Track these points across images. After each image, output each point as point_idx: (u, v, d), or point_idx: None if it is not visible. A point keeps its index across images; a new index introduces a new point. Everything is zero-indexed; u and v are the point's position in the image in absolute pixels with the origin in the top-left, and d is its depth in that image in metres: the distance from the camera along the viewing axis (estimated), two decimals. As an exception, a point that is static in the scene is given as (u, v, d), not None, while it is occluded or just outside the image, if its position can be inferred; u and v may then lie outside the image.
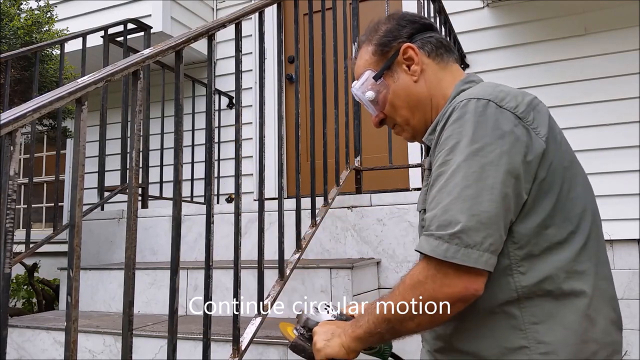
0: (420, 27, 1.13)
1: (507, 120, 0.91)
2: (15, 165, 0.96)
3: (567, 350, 0.88)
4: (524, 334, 0.88)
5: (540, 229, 0.90)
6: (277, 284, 1.81)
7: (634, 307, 3.05)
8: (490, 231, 0.85)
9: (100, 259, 3.02)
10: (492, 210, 0.86)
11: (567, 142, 1.01)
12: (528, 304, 0.89)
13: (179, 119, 1.40)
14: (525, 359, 0.88)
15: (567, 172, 0.94)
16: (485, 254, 0.85)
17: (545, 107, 0.99)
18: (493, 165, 0.87)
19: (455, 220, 0.85)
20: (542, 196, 0.91)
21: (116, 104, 3.92)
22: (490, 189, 0.86)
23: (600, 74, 3.26)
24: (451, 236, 0.85)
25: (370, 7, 4.12)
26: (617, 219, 3.10)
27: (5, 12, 3.19)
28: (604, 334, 0.92)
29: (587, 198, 0.98)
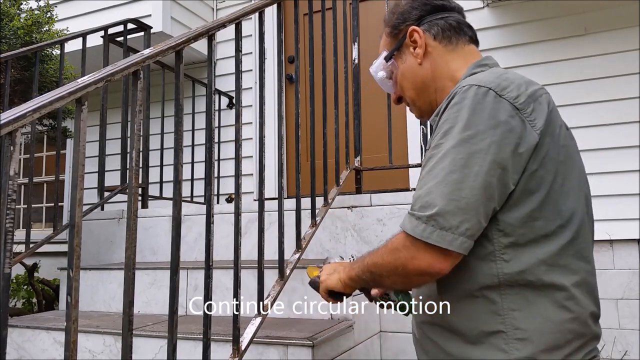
0: (431, 8, 1.14)
1: (503, 110, 0.92)
2: (15, 165, 0.96)
3: (542, 338, 0.91)
4: (502, 319, 0.92)
5: (527, 219, 0.92)
6: (277, 284, 1.81)
7: (634, 307, 3.04)
8: (467, 216, 0.88)
9: (100, 259, 3.02)
10: (471, 197, 0.88)
11: (570, 137, 1.02)
12: (509, 291, 0.93)
13: (179, 119, 1.40)
14: (501, 343, 0.92)
15: (561, 167, 0.95)
16: (460, 238, 0.88)
17: (548, 99, 0.99)
18: (481, 154, 0.89)
19: (434, 204, 0.89)
20: (533, 188, 0.92)
21: (116, 104, 3.92)
22: (474, 177, 0.89)
23: (600, 74, 3.26)
24: (428, 218, 0.89)
25: (370, 7, 4.12)
26: (617, 219, 3.10)
27: (5, 12, 3.19)
28: (581, 326, 0.94)
29: (580, 194, 0.99)
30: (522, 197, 0.92)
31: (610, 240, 3.12)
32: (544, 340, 0.91)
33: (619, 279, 3.10)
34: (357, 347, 2.06)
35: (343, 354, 1.91)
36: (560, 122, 1.00)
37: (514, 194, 0.92)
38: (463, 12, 1.18)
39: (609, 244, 3.13)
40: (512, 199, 0.92)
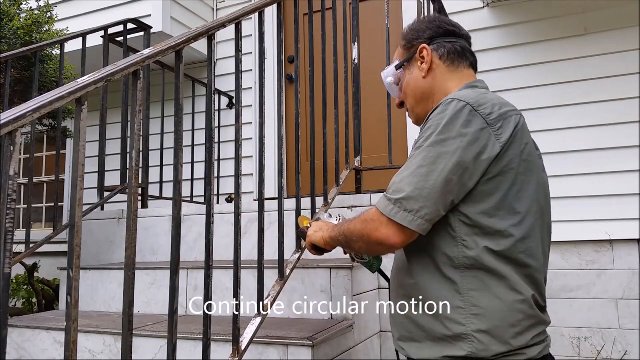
0: (443, 32, 1.32)
1: (475, 123, 1.09)
2: (15, 165, 0.96)
3: (495, 315, 1.07)
4: (462, 297, 1.09)
5: (485, 216, 1.09)
6: (277, 284, 1.81)
7: (634, 307, 3.05)
8: (427, 203, 1.07)
9: (100, 259, 3.02)
10: (433, 189, 1.07)
11: (537, 155, 1.20)
12: (467, 273, 1.09)
13: (179, 119, 1.40)
14: (460, 318, 1.08)
15: (520, 177, 1.11)
16: (419, 220, 1.08)
17: (517, 120, 1.15)
18: (448, 155, 1.08)
19: (403, 190, 1.09)
20: (491, 190, 1.09)
21: (116, 104, 3.92)
22: (439, 173, 1.07)
23: (600, 74, 3.26)
24: (397, 200, 1.09)
25: (370, 7, 4.12)
26: (617, 219, 3.11)
27: (5, 12, 3.19)
28: (529, 308, 1.10)
29: (534, 204, 1.14)
30: (482, 196, 1.09)
31: (610, 240, 3.12)
32: (497, 317, 1.07)
33: (619, 279, 3.10)
34: (357, 347, 2.06)
35: (343, 354, 1.91)
36: (527, 141, 1.16)
37: (475, 192, 1.09)
38: (470, 40, 1.36)
39: (609, 244, 3.13)
40: (473, 196, 1.09)
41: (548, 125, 3.32)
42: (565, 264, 3.22)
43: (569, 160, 3.26)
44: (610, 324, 3.09)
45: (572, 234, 3.19)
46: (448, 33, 1.31)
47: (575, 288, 3.19)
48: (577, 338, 3.15)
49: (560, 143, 3.29)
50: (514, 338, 1.07)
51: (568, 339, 3.17)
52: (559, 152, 3.28)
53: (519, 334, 1.07)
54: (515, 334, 1.07)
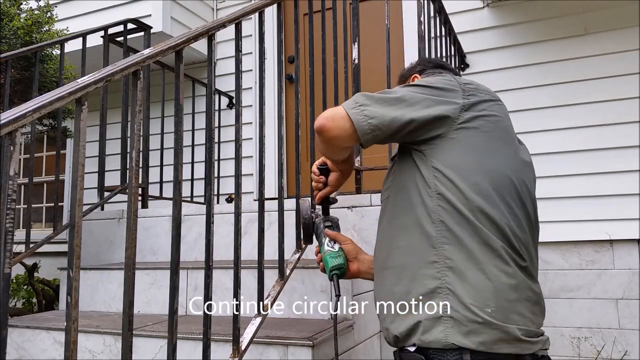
0: (432, 65, 1.50)
1: (449, 82, 1.25)
2: (15, 165, 0.96)
3: (463, 264, 1.10)
4: (436, 251, 1.12)
5: (450, 168, 1.16)
6: (277, 284, 1.81)
7: (634, 307, 3.05)
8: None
9: (100, 259, 3.02)
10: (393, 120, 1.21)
11: (510, 130, 1.25)
12: (441, 226, 1.13)
13: (179, 119, 1.40)
14: (435, 271, 1.11)
15: (492, 141, 1.19)
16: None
17: (491, 101, 1.24)
18: (421, 94, 1.22)
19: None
20: (455, 143, 1.17)
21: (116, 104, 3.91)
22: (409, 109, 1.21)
23: (600, 74, 3.26)
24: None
25: (370, 7, 4.12)
26: (617, 219, 3.11)
27: (5, 12, 3.19)
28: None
29: (514, 165, 1.21)
30: (446, 149, 1.17)
31: (610, 240, 3.12)
32: (466, 266, 1.10)
33: (619, 279, 3.10)
34: (357, 347, 2.06)
35: (343, 354, 1.91)
36: (502, 122, 1.23)
37: (442, 144, 1.17)
38: (459, 73, 1.54)
39: (609, 244, 3.13)
40: (441, 148, 1.17)
41: (548, 125, 3.32)
42: (565, 264, 3.22)
43: (569, 160, 3.26)
44: (610, 324, 3.09)
45: (572, 234, 3.19)
46: (436, 66, 1.49)
47: (575, 288, 3.19)
48: (577, 338, 3.15)
49: (560, 143, 3.29)
50: None
51: (568, 339, 3.17)
52: (559, 152, 3.28)
53: None
54: None
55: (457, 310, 1.06)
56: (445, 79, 1.24)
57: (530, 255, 1.17)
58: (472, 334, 1.04)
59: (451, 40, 3.13)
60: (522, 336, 1.07)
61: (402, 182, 1.24)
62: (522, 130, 3.32)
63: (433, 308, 1.08)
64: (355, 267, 1.50)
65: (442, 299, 1.08)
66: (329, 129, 1.20)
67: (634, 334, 3.03)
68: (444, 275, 1.09)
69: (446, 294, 1.08)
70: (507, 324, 1.06)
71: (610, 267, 3.12)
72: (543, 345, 1.12)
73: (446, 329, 1.05)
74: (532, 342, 1.09)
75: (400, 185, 1.24)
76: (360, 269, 1.50)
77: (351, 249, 1.51)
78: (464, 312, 1.05)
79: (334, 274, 1.46)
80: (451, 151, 1.15)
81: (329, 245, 1.51)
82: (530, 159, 1.31)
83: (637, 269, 3.06)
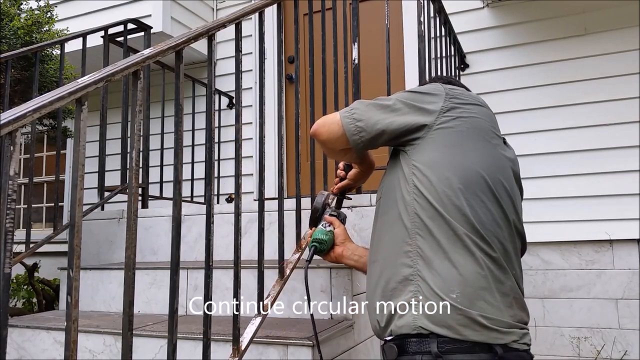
0: (442, 81, 1.46)
1: (435, 88, 1.29)
2: (15, 165, 0.96)
3: (432, 253, 1.15)
4: (410, 241, 1.19)
5: (424, 164, 1.22)
6: (277, 284, 1.81)
7: (634, 307, 3.05)
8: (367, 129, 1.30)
9: (100, 259, 3.02)
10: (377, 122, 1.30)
11: (494, 134, 1.28)
12: (415, 218, 1.20)
13: (179, 119, 1.40)
14: (409, 260, 1.17)
15: (467, 141, 1.22)
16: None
17: (480, 106, 1.29)
18: (403, 101, 1.30)
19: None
20: (429, 145, 1.23)
21: (116, 104, 3.92)
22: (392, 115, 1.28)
23: (600, 74, 3.26)
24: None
25: (370, 7, 4.12)
26: (616, 219, 3.11)
27: (5, 12, 3.19)
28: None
29: (493, 163, 1.24)
30: (423, 147, 1.23)
31: (610, 240, 3.12)
32: (435, 256, 1.15)
33: (618, 279, 3.10)
34: (357, 347, 2.06)
35: (343, 354, 1.91)
36: (484, 124, 1.26)
37: (421, 142, 1.23)
38: (467, 88, 1.47)
39: (609, 244, 3.13)
40: (420, 146, 1.23)
41: (548, 125, 3.32)
42: (565, 264, 3.22)
43: (569, 160, 3.26)
44: (610, 324, 3.09)
45: (572, 234, 3.19)
46: (443, 81, 1.45)
47: (575, 288, 3.19)
48: (577, 338, 3.15)
49: (560, 143, 3.29)
50: None
51: (568, 338, 3.17)
52: (559, 152, 3.28)
53: None
54: None
55: (426, 295, 1.12)
56: (434, 85, 1.30)
57: (504, 248, 1.19)
58: (437, 318, 1.10)
59: (451, 40, 3.13)
60: (487, 324, 1.09)
61: (390, 182, 1.31)
62: (522, 130, 3.33)
63: (406, 294, 1.15)
64: (340, 250, 1.63)
65: (414, 285, 1.14)
66: (320, 133, 1.35)
67: (633, 334, 3.03)
68: (415, 263, 1.16)
69: (417, 281, 1.14)
70: (470, 309, 1.09)
71: (610, 267, 3.12)
72: (520, 339, 1.12)
73: (415, 313, 1.12)
74: (503, 332, 1.10)
75: (389, 185, 1.32)
76: (343, 253, 1.63)
77: (340, 233, 1.65)
78: (431, 298, 1.11)
79: (313, 245, 1.63)
80: (428, 150, 1.21)
81: (323, 225, 1.68)
82: (514, 158, 1.34)
83: (637, 269, 3.06)
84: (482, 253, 1.14)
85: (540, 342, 3.22)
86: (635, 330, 3.03)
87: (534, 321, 3.25)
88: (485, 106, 1.31)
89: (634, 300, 3.05)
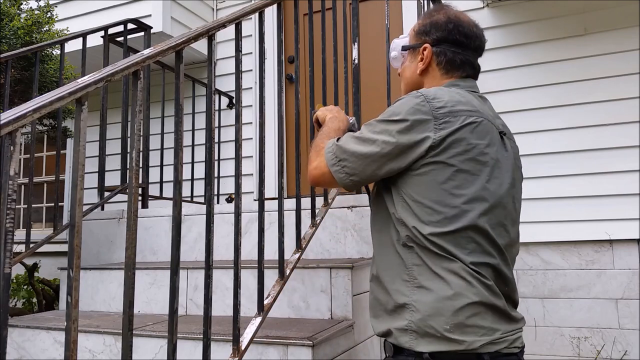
0: (452, 40, 1.34)
1: (421, 112, 1.18)
2: (15, 165, 0.96)
3: (428, 284, 1.16)
4: (408, 271, 1.18)
5: (415, 200, 1.18)
6: (277, 284, 1.81)
7: (634, 307, 3.05)
8: (357, 170, 1.26)
9: (100, 259, 3.02)
10: (364, 159, 1.25)
11: (495, 154, 1.21)
12: (408, 249, 1.19)
13: (179, 119, 1.40)
14: (405, 289, 1.18)
15: (461, 174, 1.16)
16: (347, 180, 1.27)
17: (467, 121, 1.18)
18: (385, 134, 1.21)
19: (345, 155, 1.27)
20: (423, 178, 1.18)
21: (116, 104, 3.92)
22: (372, 147, 1.23)
23: (600, 74, 3.26)
24: (340, 161, 1.28)
25: (370, 7, 4.12)
26: (617, 219, 3.11)
27: (5, 12, 3.19)
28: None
29: (484, 199, 1.18)
30: (416, 181, 1.19)
31: (610, 240, 3.12)
32: (436, 288, 1.15)
33: (619, 279, 3.10)
34: (357, 347, 2.06)
35: (343, 353, 1.91)
36: (481, 142, 1.18)
37: (411, 176, 1.19)
38: (480, 50, 1.39)
39: (609, 244, 3.13)
40: (410, 180, 1.20)
41: (548, 125, 3.32)
42: (565, 264, 3.22)
43: (569, 160, 3.26)
44: (610, 324, 3.09)
45: (572, 234, 3.19)
46: (456, 43, 1.33)
47: (575, 288, 3.19)
48: (577, 338, 3.15)
49: (560, 143, 3.29)
50: (452, 316, 1.12)
51: (568, 339, 3.17)
52: (559, 152, 3.28)
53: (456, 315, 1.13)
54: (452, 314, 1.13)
55: (419, 326, 1.14)
56: (417, 106, 1.19)
57: (499, 275, 1.19)
58: (432, 345, 1.13)
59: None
60: (480, 350, 1.12)
61: (379, 197, 1.30)
62: (522, 130, 3.33)
63: (401, 321, 1.17)
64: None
65: (408, 314, 1.16)
66: (320, 183, 1.36)
67: (633, 333, 3.03)
68: (412, 293, 1.17)
69: (411, 311, 1.16)
70: (464, 337, 1.11)
71: (610, 267, 3.12)
72: (509, 344, 1.15)
73: (411, 339, 1.15)
74: (494, 343, 1.13)
75: (379, 198, 1.30)
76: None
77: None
78: (425, 329, 1.13)
79: None
80: (417, 183, 1.18)
81: None
82: (511, 179, 1.26)
83: (637, 269, 3.06)
84: (477, 282, 1.14)
85: (540, 342, 3.22)
86: (635, 330, 3.03)
87: (534, 321, 3.25)
88: (481, 117, 1.21)
89: (634, 300, 3.05)
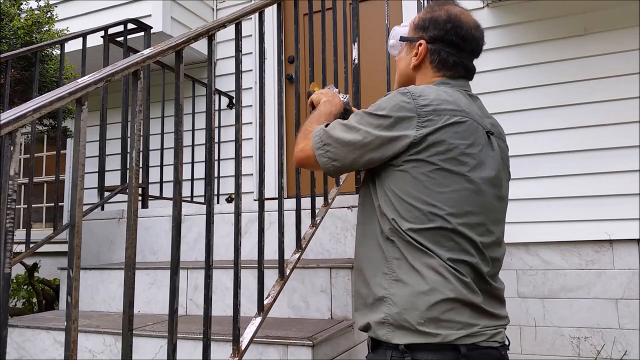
0: (447, 40, 1.33)
1: (405, 109, 1.19)
2: (15, 165, 0.96)
3: (405, 278, 1.17)
4: (388, 264, 1.20)
5: (396, 195, 1.20)
6: (277, 284, 1.81)
7: (634, 307, 3.05)
8: (339, 157, 1.28)
9: (100, 259, 3.02)
10: (347, 148, 1.28)
11: (479, 155, 1.21)
12: (389, 243, 1.21)
13: (179, 119, 1.40)
14: (384, 283, 1.19)
15: (442, 172, 1.17)
16: (330, 166, 1.30)
17: (451, 120, 1.18)
18: (370, 127, 1.23)
19: (331, 140, 1.30)
20: (403, 174, 1.19)
21: (116, 104, 3.92)
22: (356, 138, 1.25)
23: (600, 74, 3.26)
24: (325, 145, 1.30)
25: (370, 7, 4.12)
26: (617, 219, 3.11)
27: (5, 12, 3.19)
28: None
29: (466, 199, 1.19)
30: (397, 176, 1.21)
31: (610, 240, 3.12)
32: (413, 283, 1.17)
33: (618, 279, 3.10)
34: (357, 347, 2.06)
35: (343, 353, 1.91)
36: (464, 142, 1.19)
37: (394, 170, 1.21)
38: (477, 53, 1.37)
39: (609, 244, 3.13)
40: (393, 174, 1.21)
41: (548, 125, 3.32)
42: (565, 264, 3.22)
43: (569, 160, 3.26)
44: (610, 324, 3.09)
45: (572, 234, 3.19)
46: (451, 44, 1.32)
47: (575, 288, 3.19)
48: (577, 338, 3.15)
49: (560, 143, 3.29)
50: (428, 310, 1.13)
51: (568, 339, 3.17)
52: (559, 152, 3.28)
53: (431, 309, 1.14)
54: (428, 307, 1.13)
55: (395, 319, 1.15)
56: (402, 103, 1.20)
57: (478, 274, 1.19)
58: (407, 337, 1.14)
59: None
60: (457, 342, 1.12)
61: (366, 189, 1.32)
62: (522, 130, 3.33)
63: (379, 314, 1.18)
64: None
65: (386, 307, 1.18)
66: (304, 165, 1.39)
67: (633, 333, 3.03)
68: (390, 286, 1.19)
69: (389, 304, 1.17)
70: (438, 331, 1.12)
71: (610, 267, 3.12)
72: (488, 338, 1.15)
73: (388, 332, 1.16)
74: (471, 336, 1.14)
75: (365, 190, 1.33)
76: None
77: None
78: (400, 322, 1.14)
79: None
80: (398, 178, 1.20)
81: None
82: (496, 179, 1.25)
83: (637, 269, 3.06)
84: (454, 278, 1.15)
85: (540, 342, 3.22)
86: (635, 330, 3.03)
87: (534, 321, 3.25)
88: (465, 117, 1.21)
89: (634, 300, 3.05)
